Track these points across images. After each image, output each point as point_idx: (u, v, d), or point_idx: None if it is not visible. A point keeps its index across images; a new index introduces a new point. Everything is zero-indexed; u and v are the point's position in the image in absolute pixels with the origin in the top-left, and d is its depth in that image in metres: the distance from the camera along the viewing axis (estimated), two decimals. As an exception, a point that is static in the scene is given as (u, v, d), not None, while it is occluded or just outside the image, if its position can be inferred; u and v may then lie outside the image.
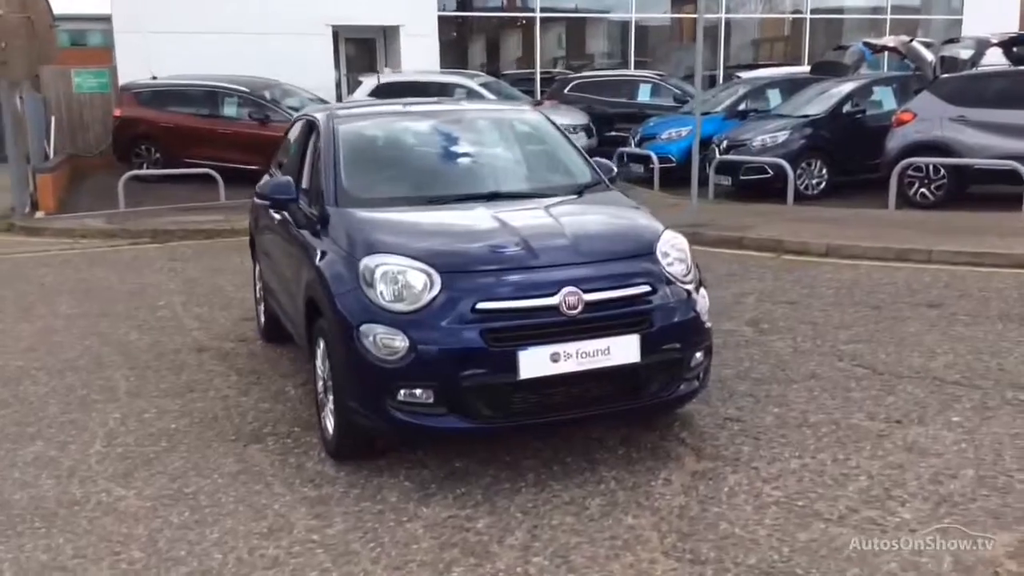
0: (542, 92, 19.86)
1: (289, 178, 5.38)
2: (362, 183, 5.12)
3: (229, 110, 15.67)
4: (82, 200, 15.13)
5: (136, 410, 5.57)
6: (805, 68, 18.31)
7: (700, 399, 5.36)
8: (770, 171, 12.94)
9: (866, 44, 15.45)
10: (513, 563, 3.70)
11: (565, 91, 18.19)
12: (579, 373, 4.20)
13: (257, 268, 7.00)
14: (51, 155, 16.29)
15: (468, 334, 4.11)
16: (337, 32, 19.42)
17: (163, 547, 3.90)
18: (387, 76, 16.92)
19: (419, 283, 4.20)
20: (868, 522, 3.94)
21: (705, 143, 14.13)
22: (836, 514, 4.02)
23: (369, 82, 16.68)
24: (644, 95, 17.83)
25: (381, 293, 4.21)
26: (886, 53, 16.34)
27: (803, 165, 13.12)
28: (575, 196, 5.32)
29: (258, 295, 7.03)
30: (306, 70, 17.49)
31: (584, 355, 4.18)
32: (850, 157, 13.13)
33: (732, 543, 3.81)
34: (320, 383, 4.77)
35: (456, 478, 4.48)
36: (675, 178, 14.26)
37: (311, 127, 5.77)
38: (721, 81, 20.56)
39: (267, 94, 16.01)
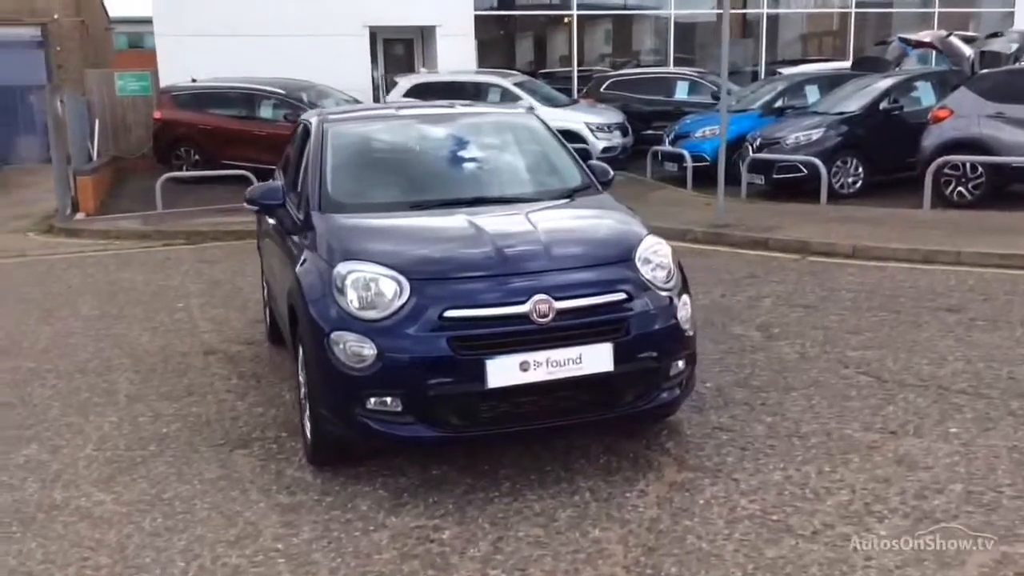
0: (580, 90, 19.73)
1: (278, 183, 5.39)
2: (347, 188, 5.12)
3: (265, 112, 15.84)
4: (122, 202, 15.42)
5: (133, 414, 5.63)
6: (847, 64, 17.93)
7: (692, 407, 5.29)
8: (803, 170, 12.69)
9: (901, 39, 15.09)
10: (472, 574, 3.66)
11: (602, 89, 18.08)
12: (550, 382, 4.14)
13: (262, 270, 7.05)
14: (94, 157, 16.62)
15: (435, 342, 4.07)
16: (375, 33, 19.52)
17: (130, 553, 3.93)
18: (422, 76, 16.97)
19: (389, 291, 4.17)
20: (842, 538, 3.83)
21: (740, 141, 13.96)
22: (810, 530, 3.91)
23: (404, 82, 16.74)
24: (681, 92, 17.63)
25: (351, 300, 4.20)
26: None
27: (838, 163, 12.84)
28: (562, 201, 5.25)
29: (264, 297, 7.08)
30: (343, 71, 17.60)
31: (555, 364, 4.11)
32: (887, 155, 12.83)
33: (696, 558, 3.72)
34: (303, 389, 4.77)
35: (431, 486, 4.45)
36: (709, 177, 14.04)
37: (306, 132, 5.78)
38: (763, 77, 20.23)
39: (304, 96, 16.13)
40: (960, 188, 11.53)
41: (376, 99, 18.35)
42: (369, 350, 4.09)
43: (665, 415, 4.82)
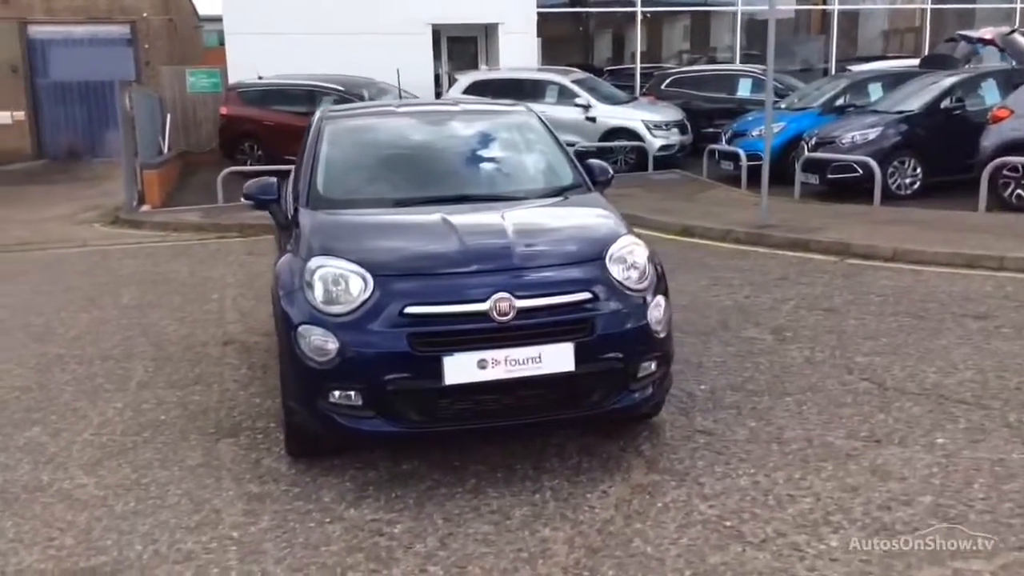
0: (643, 88, 19.58)
1: (273, 179, 5.50)
2: (335, 185, 5.21)
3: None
4: (187, 195, 15.87)
5: (138, 400, 5.82)
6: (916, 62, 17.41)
7: (679, 408, 5.25)
8: (859, 170, 12.38)
9: (962, 36, 14.56)
10: (410, 570, 3.70)
11: (663, 86, 17.93)
12: (509, 380, 4.14)
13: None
14: (165, 151, 17.14)
15: (394, 338, 4.11)
16: (439, 31, 19.69)
17: (95, 536, 4.07)
18: (481, 74, 17.06)
19: (354, 286, 4.23)
20: (790, 547, 3.76)
21: (798, 140, 13.71)
22: (760, 537, 3.84)
23: (463, 80, 16.85)
24: (744, 90, 17.35)
25: (318, 295, 4.27)
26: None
27: (895, 164, 12.52)
28: (548, 200, 5.25)
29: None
30: (406, 68, 17.74)
31: (513, 362, 4.12)
32: (947, 156, 12.42)
33: (637, 562, 3.69)
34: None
35: (397, 481, 4.50)
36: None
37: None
38: (832, 74, 19.77)
39: (365, 92, 16.36)
40: (1019, 191, 11.11)
41: (438, 96, 18.50)
42: (332, 344, 4.15)
43: (638, 416, 4.78)
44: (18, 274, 10.30)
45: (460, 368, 4.08)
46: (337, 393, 4.20)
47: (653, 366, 4.49)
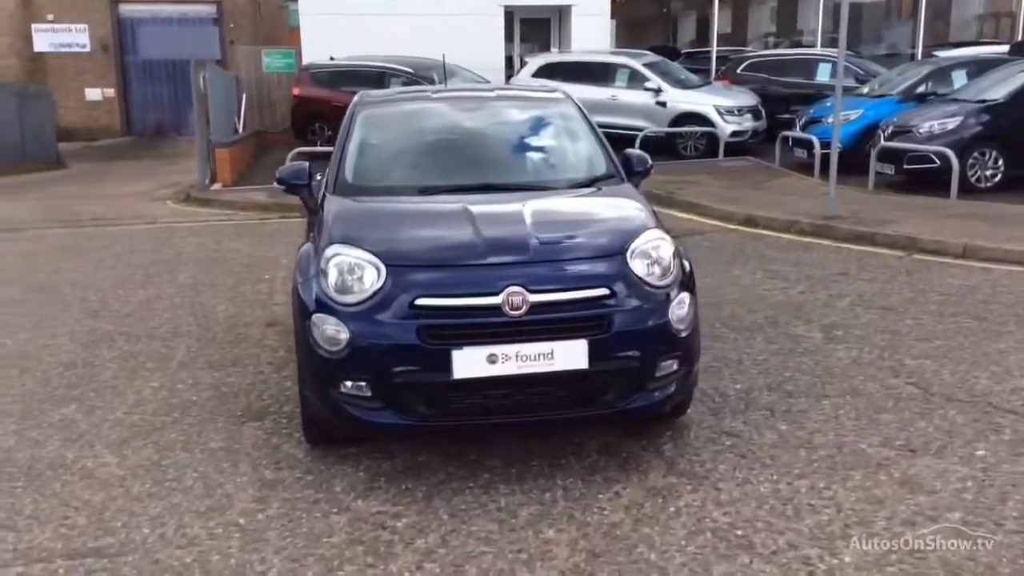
0: (718, 71, 19.16)
1: (305, 164, 5.48)
2: (362, 172, 5.17)
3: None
4: (259, 174, 16.08)
5: (174, 380, 5.89)
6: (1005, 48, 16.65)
7: (709, 409, 5.11)
8: (936, 160, 11.87)
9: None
10: (405, 567, 3.65)
11: (739, 70, 17.51)
12: (519, 376, 4.05)
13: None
14: (240, 131, 17.40)
15: (404, 330, 4.05)
16: (512, 12, 19.54)
17: (107, 516, 4.12)
18: (550, 56, 16.89)
19: (367, 276, 4.18)
20: (800, 561, 3.60)
21: (875, 128, 13.25)
22: (771, 548, 3.69)
23: (533, 62, 16.71)
24: (823, 75, 16.80)
25: (332, 284, 4.23)
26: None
27: (975, 155, 11.98)
28: (577, 190, 5.12)
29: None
30: (477, 50, 17.71)
31: (524, 358, 4.02)
32: (1031, 147, 11.83)
33: (638, 569, 3.58)
34: None
35: (411, 472, 4.46)
36: (840, 165, 13.41)
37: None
38: (918, 60, 19.04)
39: (434, 75, 16.31)
40: (1107, 186, 10.52)
41: (507, 78, 18.39)
42: (343, 334, 4.12)
43: (662, 416, 4.65)
44: (87, 250, 10.57)
45: (469, 362, 4.00)
46: (348, 383, 4.16)
47: (674, 365, 4.34)
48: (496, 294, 4.04)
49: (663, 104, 15.99)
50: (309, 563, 3.70)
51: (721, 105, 15.80)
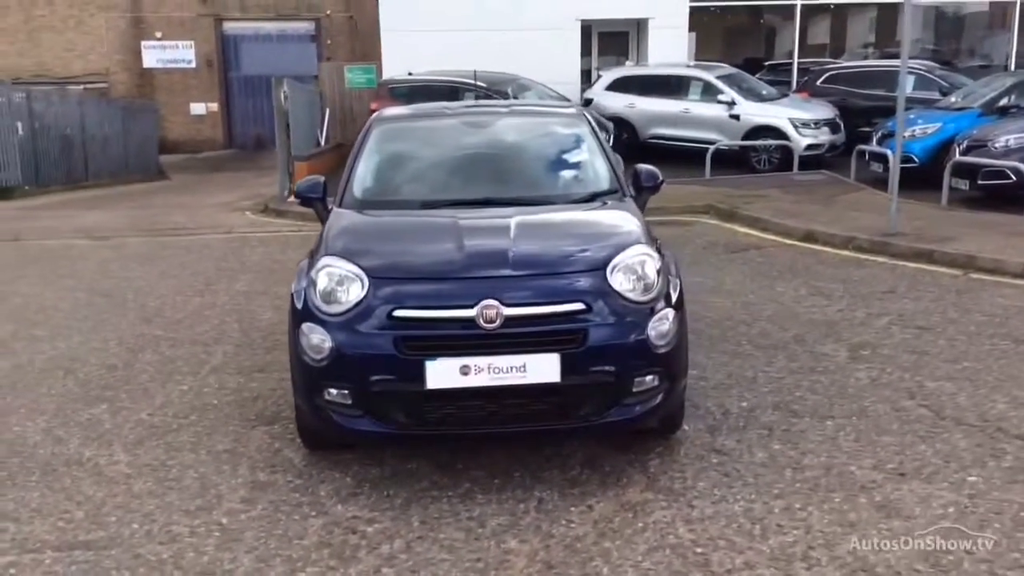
0: (798, 83, 18.82)
1: (322, 178, 5.67)
2: (370, 186, 5.34)
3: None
4: (336, 187, 16.51)
5: (202, 384, 6.15)
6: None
7: (708, 425, 5.09)
8: (1012, 176, 11.46)
9: None
10: (363, 571, 3.77)
11: (818, 83, 17.17)
12: (492, 388, 4.13)
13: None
14: (322, 144, 17.92)
15: (381, 341, 4.18)
16: (590, 26, 19.61)
17: (104, 512, 4.35)
18: (624, 70, 16.89)
19: (352, 287, 4.33)
20: (752, 582, 3.57)
21: (953, 142, 12.86)
22: (726, 567, 3.68)
23: (607, 76, 16.74)
24: (906, 86, 16.31)
25: (320, 294, 4.39)
26: None
27: (1053, 170, 11.48)
28: (575, 205, 5.17)
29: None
30: (553, 65, 17.85)
31: (497, 370, 4.10)
32: (1117, 163, 11.30)
33: (587, 582, 3.61)
34: None
35: (396, 479, 4.58)
36: (917, 180, 13.08)
37: (370, 128, 6.03)
38: (1011, 70, 18.35)
39: (508, 89, 16.51)
40: None
41: (580, 92, 18.44)
42: (327, 343, 4.27)
43: (656, 431, 4.69)
44: (160, 257, 11.06)
45: (442, 373, 4.10)
46: (332, 391, 4.31)
47: (654, 381, 4.35)
48: (471, 307, 4.13)
49: (736, 117, 15.81)
50: (275, 563, 3.85)
51: (796, 118, 15.53)
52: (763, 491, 4.31)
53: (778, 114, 15.67)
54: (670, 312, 4.42)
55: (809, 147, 15.40)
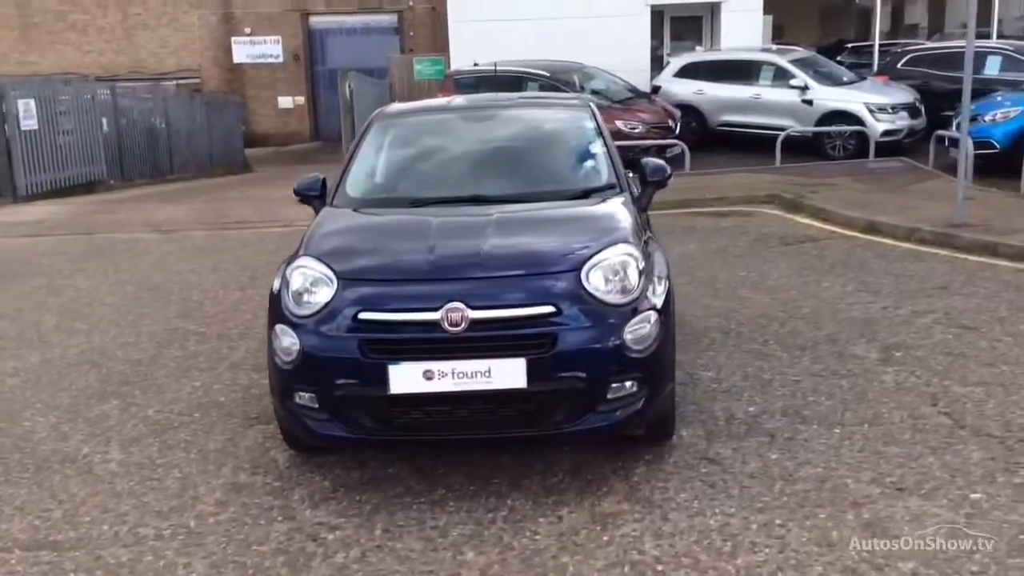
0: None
1: (320, 176, 5.62)
2: (362, 183, 5.25)
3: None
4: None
5: (215, 381, 6.18)
6: None
7: (707, 431, 4.87)
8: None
9: None
10: (313, 580, 3.69)
11: (899, 65, 16.43)
12: (457, 393, 4.00)
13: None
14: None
15: (346, 343, 4.09)
16: (662, 11, 19.19)
17: (81, 511, 4.38)
18: (693, 55, 16.48)
19: (322, 289, 4.26)
20: (707, 604, 3.37)
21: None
22: (683, 588, 3.47)
23: (676, 62, 16.37)
24: (992, 68, 15.50)
25: (291, 296, 4.33)
26: None
27: None
28: (565, 202, 4.98)
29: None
30: (622, 51, 17.53)
31: (461, 375, 3.98)
32: None
33: (533, 600, 3.46)
34: None
35: (372, 484, 4.50)
36: (998, 166, 12.43)
37: (376, 124, 5.95)
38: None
39: (575, 78, 16.29)
40: None
41: (649, 79, 18.08)
42: (296, 345, 4.21)
43: (601, 437, 4.46)
44: (216, 251, 11.23)
45: (405, 377, 4.00)
46: (301, 395, 4.25)
47: (633, 387, 4.15)
48: (435, 310, 4.01)
49: (809, 102, 15.27)
50: (227, 570, 3.80)
51: (872, 102, 14.90)
52: (746, 505, 4.08)
53: (853, 98, 15.07)
54: (652, 315, 4.21)
55: (886, 133, 14.77)
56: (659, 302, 4.30)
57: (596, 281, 4.16)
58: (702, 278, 8.30)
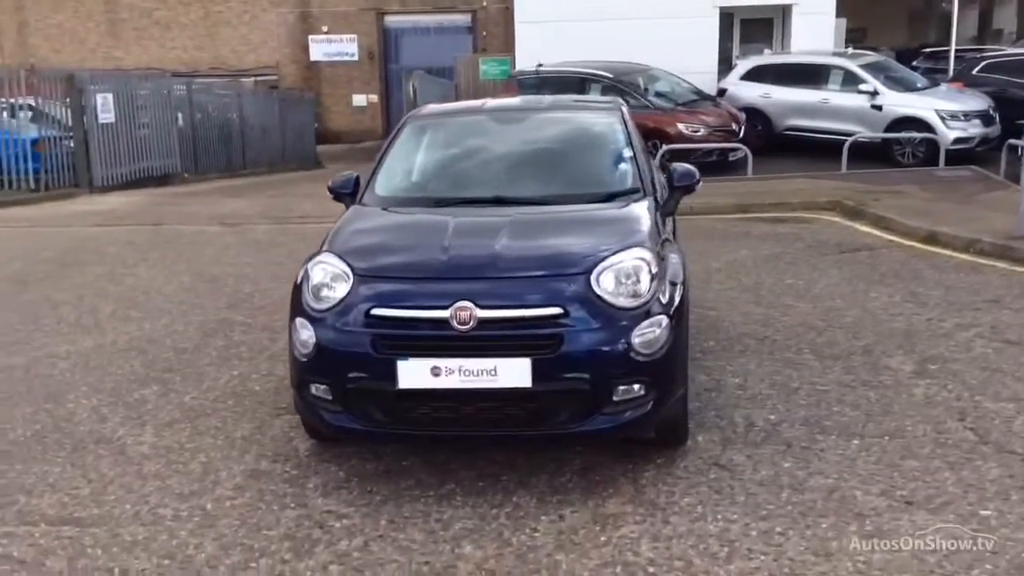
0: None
1: (354, 174, 5.73)
2: (391, 183, 5.36)
3: (593, 96, 16.14)
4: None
5: (253, 371, 6.35)
6: None
7: (723, 438, 4.90)
8: None
9: None
10: (312, 567, 3.81)
11: (974, 71, 16.00)
12: (463, 391, 4.08)
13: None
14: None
15: (358, 338, 4.19)
16: (731, 13, 18.99)
17: (108, 490, 4.57)
18: (760, 58, 16.28)
19: (339, 284, 4.37)
20: (692, 609, 3.38)
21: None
22: (670, 591, 3.49)
23: (743, 65, 16.21)
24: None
25: (311, 290, 4.46)
26: None
27: None
28: (584, 205, 5.00)
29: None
30: (690, 53, 17.41)
31: (468, 373, 4.05)
32: None
33: (522, 595, 3.52)
34: None
35: (386, 476, 4.59)
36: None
37: (412, 124, 6.05)
38: None
39: (639, 79, 16.25)
40: None
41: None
42: (312, 339, 4.33)
43: (606, 437, 4.46)
44: (275, 245, 11.49)
45: (413, 373, 4.08)
46: (316, 386, 4.37)
47: (640, 390, 4.17)
48: (445, 308, 4.09)
49: (879, 108, 14.97)
50: (234, 552, 3.93)
51: (944, 109, 14.55)
52: (749, 512, 4.07)
53: (924, 105, 14.73)
54: (662, 319, 4.23)
55: (957, 140, 14.40)
56: (671, 307, 4.31)
57: (606, 284, 4.19)
58: (747, 284, 8.23)
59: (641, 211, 4.85)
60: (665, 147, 14.45)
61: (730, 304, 7.56)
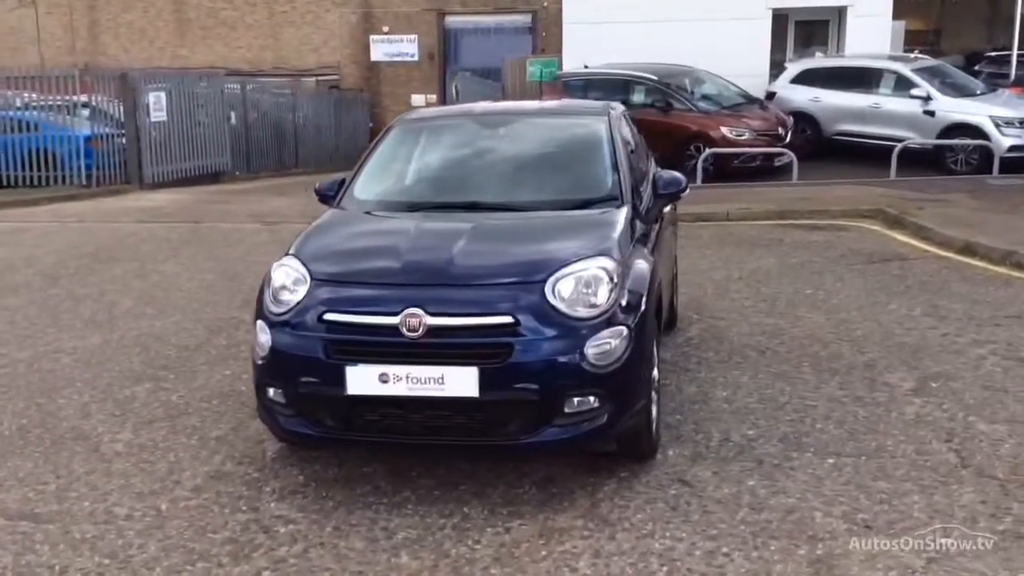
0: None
1: (341, 176, 5.72)
2: (369, 187, 5.33)
3: (637, 98, 15.97)
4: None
5: (245, 371, 6.23)
6: None
7: (694, 453, 4.78)
8: None
9: None
10: (246, 571, 3.79)
11: (1035, 77, 15.43)
12: (411, 398, 4.02)
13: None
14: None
15: (310, 343, 4.17)
16: (785, 15, 18.60)
17: (72, 487, 4.61)
18: (811, 61, 15.94)
19: (298, 288, 4.35)
20: (612, 632, 3.27)
21: None
22: (596, 612, 3.39)
23: (792, 68, 15.89)
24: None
25: (271, 292, 4.45)
26: None
27: None
28: (554, 212, 4.91)
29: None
30: (741, 56, 17.12)
31: (415, 380, 4.00)
32: None
33: (445, 610, 3.45)
34: None
35: (344, 482, 4.56)
36: None
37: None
38: None
39: (686, 82, 16.02)
40: None
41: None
42: (268, 342, 4.32)
43: (557, 449, 4.37)
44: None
45: (362, 379, 4.05)
46: (271, 390, 4.36)
47: (595, 402, 4.07)
48: (395, 314, 4.04)
49: (931, 113, 14.53)
50: (174, 555, 3.93)
51: (999, 116, 14.05)
52: (699, 530, 3.94)
53: (979, 111, 14.25)
54: (622, 330, 4.12)
55: (1013, 148, 13.90)
56: (633, 318, 4.19)
57: (563, 293, 4.10)
58: (765, 294, 8.04)
59: (614, 219, 4.73)
60: (708, 151, 14.23)
61: (741, 314, 7.38)
